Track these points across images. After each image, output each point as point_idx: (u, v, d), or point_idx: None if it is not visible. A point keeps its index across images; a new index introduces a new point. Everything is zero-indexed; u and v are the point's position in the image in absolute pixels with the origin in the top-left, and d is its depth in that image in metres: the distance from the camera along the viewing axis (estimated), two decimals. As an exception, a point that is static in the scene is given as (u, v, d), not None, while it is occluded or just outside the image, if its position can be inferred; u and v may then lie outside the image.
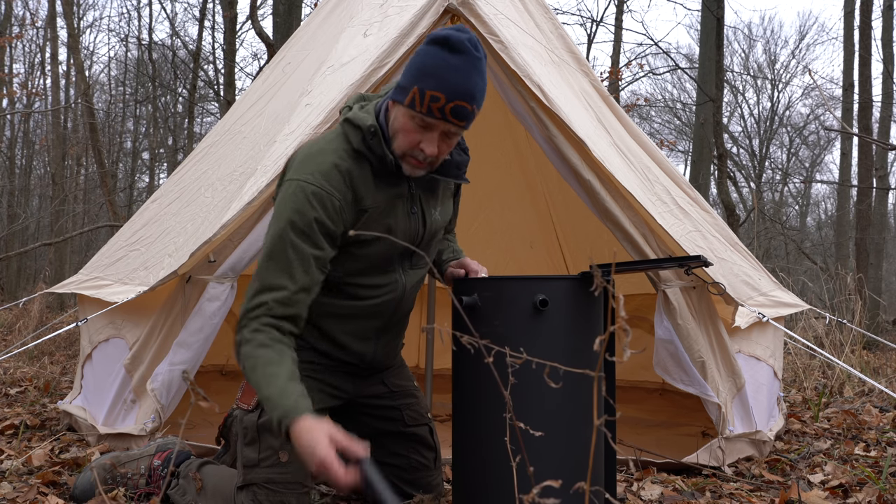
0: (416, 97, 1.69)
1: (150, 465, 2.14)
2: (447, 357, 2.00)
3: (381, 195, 1.83)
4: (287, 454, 1.84)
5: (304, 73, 3.15)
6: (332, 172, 1.77)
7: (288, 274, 1.73)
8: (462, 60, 1.67)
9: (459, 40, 1.67)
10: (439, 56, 1.68)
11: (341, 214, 1.77)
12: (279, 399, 1.64)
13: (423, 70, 1.69)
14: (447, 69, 1.67)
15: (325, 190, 1.75)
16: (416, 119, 1.72)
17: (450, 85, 1.67)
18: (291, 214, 1.74)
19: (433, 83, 1.67)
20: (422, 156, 1.77)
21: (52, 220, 13.00)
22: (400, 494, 2.09)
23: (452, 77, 1.67)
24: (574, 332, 1.79)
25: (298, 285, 1.74)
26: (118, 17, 26.69)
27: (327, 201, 1.75)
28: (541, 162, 4.18)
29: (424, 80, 1.68)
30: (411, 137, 1.75)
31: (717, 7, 8.72)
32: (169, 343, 2.55)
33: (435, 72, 1.68)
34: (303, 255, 1.74)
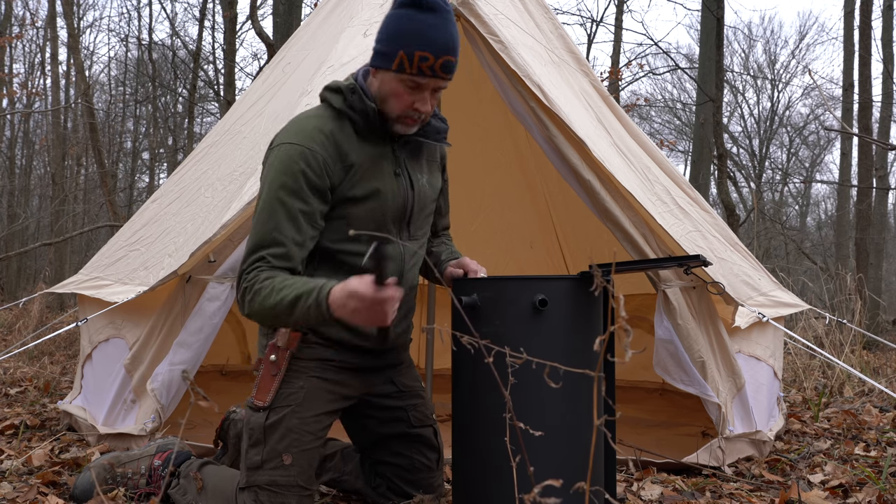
0: (403, 60, 1.76)
1: (151, 465, 2.14)
2: (447, 357, 1.99)
3: (366, 152, 1.88)
4: (291, 457, 1.84)
5: (304, 73, 3.15)
6: (314, 132, 1.84)
7: (281, 230, 1.79)
8: (438, 17, 1.76)
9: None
10: (416, 17, 1.75)
11: (325, 169, 1.82)
12: (306, 287, 1.71)
13: (403, 33, 1.76)
14: (428, 28, 1.75)
15: (308, 147, 1.81)
16: (407, 81, 1.79)
17: (435, 43, 1.75)
18: (278, 175, 1.80)
19: (419, 44, 1.74)
20: (417, 115, 1.85)
21: (52, 220, 13.01)
22: (401, 494, 2.09)
23: (435, 35, 1.75)
24: (574, 332, 1.79)
25: (292, 240, 1.80)
26: (118, 17, 26.72)
27: (310, 158, 1.80)
28: (541, 162, 4.18)
29: (409, 43, 1.75)
30: (404, 100, 1.82)
31: (717, 7, 8.73)
32: (169, 343, 2.55)
33: (418, 33, 1.75)
34: (292, 211, 1.79)
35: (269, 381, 1.89)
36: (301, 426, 1.86)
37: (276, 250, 1.78)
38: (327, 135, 1.84)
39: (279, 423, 1.85)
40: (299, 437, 1.86)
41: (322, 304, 1.67)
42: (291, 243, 1.79)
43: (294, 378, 1.89)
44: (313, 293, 1.69)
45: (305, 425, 1.87)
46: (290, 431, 1.85)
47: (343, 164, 1.84)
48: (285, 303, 1.71)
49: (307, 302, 1.69)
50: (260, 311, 1.76)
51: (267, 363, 1.90)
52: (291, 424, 1.85)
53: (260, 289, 1.75)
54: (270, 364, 1.90)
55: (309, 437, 1.87)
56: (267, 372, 1.90)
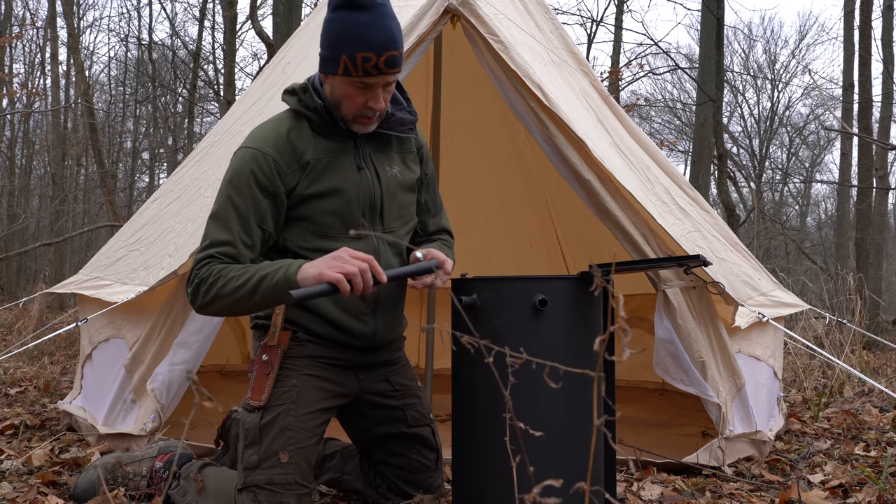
0: (347, 64, 1.78)
1: (152, 467, 2.14)
2: (447, 357, 1.99)
3: (323, 149, 1.90)
4: (287, 455, 1.84)
5: (304, 73, 3.14)
6: (269, 135, 1.88)
7: (230, 230, 1.83)
8: (373, 15, 1.77)
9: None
10: (350, 19, 1.77)
11: (276, 170, 1.84)
12: (270, 268, 1.78)
13: (342, 37, 1.78)
14: (365, 28, 1.76)
15: (260, 150, 1.85)
16: (356, 83, 1.81)
17: (375, 42, 1.76)
18: (231, 176, 1.86)
19: (359, 46, 1.76)
20: (371, 112, 1.87)
21: (52, 220, 13.01)
22: (401, 494, 2.09)
23: (373, 33, 1.76)
24: (574, 332, 1.79)
25: (241, 241, 1.84)
26: (118, 17, 26.69)
27: (261, 159, 1.84)
28: (541, 162, 4.18)
29: (348, 46, 1.77)
30: (356, 101, 1.85)
31: (717, 7, 8.72)
32: (169, 343, 2.55)
33: (355, 34, 1.77)
34: (241, 212, 1.84)
35: (263, 380, 1.90)
36: (296, 424, 1.86)
37: (224, 249, 1.82)
38: (282, 136, 1.88)
39: (274, 422, 1.85)
40: (295, 434, 1.86)
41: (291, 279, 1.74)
42: (240, 244, 1.84)
43: (287, 377, 1.90)
44: (280, 272, 1.76)
45: (301, 423, 1.87)
46: (286, 429, 1.85)
47: (298, 163, 1.87)
48: (248, 286, 1.77)
49: (273, 280, 1.75)
50: (217, 299, 1.80)
51: (259, 363, 1.91)
52: (287, 422, 1.85)
53: (216, 279, 1.79)
54: (263, 364, 1.90)
55: (305, 435, 1.87)
56: (260, 372, 1.91)
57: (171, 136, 16.21)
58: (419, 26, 2.72)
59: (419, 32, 2.71)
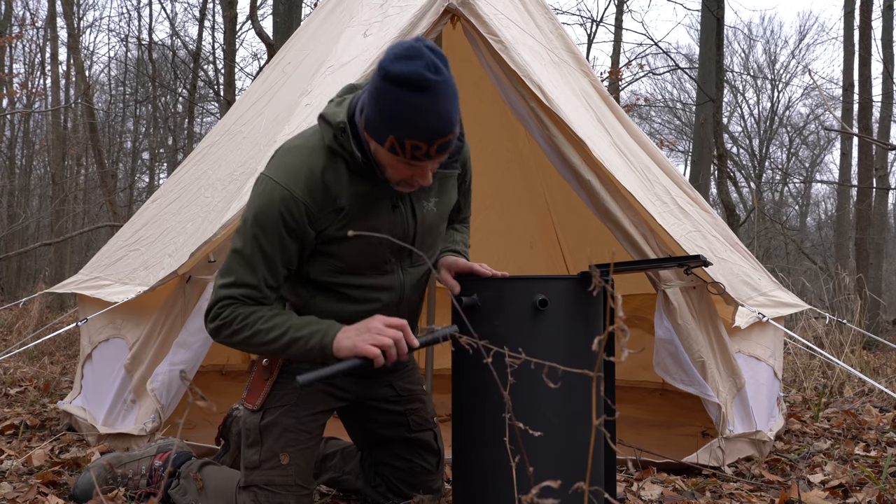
0: (395, 146, 1.60)
1: (151, 466, 2.14)
2: (447, 357, 1.99)
3: (359, 192, 1.76)
4: (288, 456, 1.84)
5: (304, 73, 3.15)
6: (301, 172, 1.71)
7: (256, 273, 1.74)
8: (429, 98, 1.54)
9: (418, 76, 1.52)
10: (403, 99, 1.54)
11: (308, 216, 1.72)
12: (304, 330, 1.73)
13: (392, 117, 1.57)
14: (418, 112, 1.55)
15: (290, 191, 1.70)
16: (402, 161, 1.64)
17: (428, 130, 1.57)
18: (259, 213, 1.72)
19: (409, 132, 1.57)
20: (417, 183, 1.73)
21: (52, 220, 13.01)
22: (400, 495, 2.09)
23: (426, 120, 1.55)
24: (574, 332, 1.79)
25: (266, 284, 1.76)
26: (118, 17, 26.71)
27: (291, 203, 1.70)
28: (541, 162, 4.18)
29: (399, 129, 1.57)
30: (402, 173, 1.69)
31: (717, 7, 8.72)
32: (169, 343, 2.55)
33: (406, 118, 1.56)
34: (269, 256, 1.73)
35: (261, 385, 1.89)
36: (297, 425, 1.86)
37: (249, 292, 1.74)
38: (316, 175, 1.72)
39: (275, 423, 1.85)
40: (296, 436, 1.86)
41: (327, 350, 1.70)
42: (265, 287, 1.76)
43: (289, 379, 1.89)
44: (315, 338, 1.72)
45: (301, 424, 1.87)
46: (287, 431, 1.85)
47: (332, 207, 1.74)
48: (279, 343, 1.73)
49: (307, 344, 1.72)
50: (240, 344, 1.76)
51: (260, 367, 1.90)
52: (287, 424, 1.85)
53: (242, 327, 1.73)
54: (263, 368, 1.90)
55: (305, 437, 1.87)
56: (259, 376, 1.90)
57: (171, 136, 16.21)
58: (419, 26, 2.72)
59: (419, 32, 2.71)
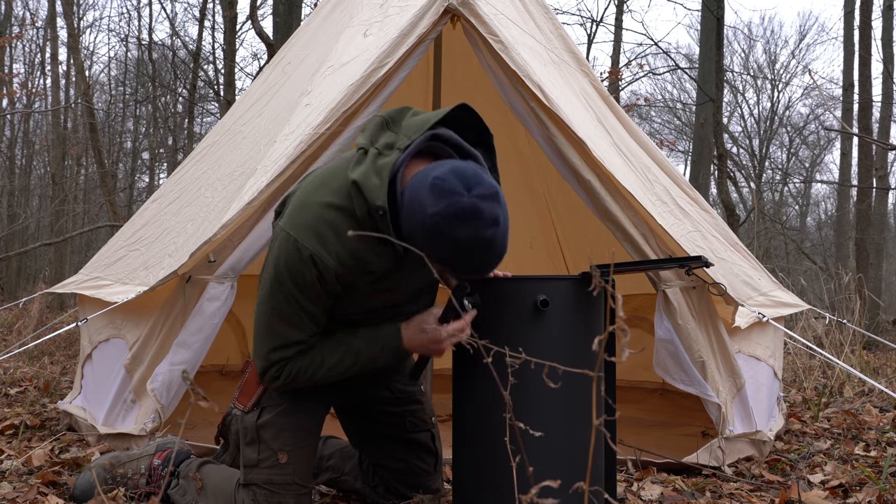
0: (450, 269, 1.67)
1: (150, 465, 2.14)
2: (447, 357, 1.99)
3: (389, 258, 1.74)
4: (286, 455, 1.84)
5: (304, 73, 3.15)
6: (330, 237, 1.67)
7: (300, 328, 1.75)
8: (490, 254, 1.64)
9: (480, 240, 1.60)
10: (468, 257, 1.61)
11: (338, 278, 1.71)
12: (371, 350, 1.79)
13: (454, 262, 1.62)
14: (480, 261, 1.64)
15: (322, 260, 1.67)
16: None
17: (485, 268, 1.68)
18: (291, 276, 1.69)
19: (464, 267, 1.64)
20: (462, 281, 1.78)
21: (52, 220, 13.01)
22: (399, 495, 2.09)
23: (482, 260, 1.64)
24: (574, 332, 1.79)
25: (311, 334, 1.78)
26: (118, 17, 26.67)
27: (324, 270, 1.68)
28: (541, 162, 4.18)
29: (459, 269, 1.65)
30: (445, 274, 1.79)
31: (717, 7, 8.73)
32: (169, 343, 2.55)
33: (468, 264, 1.63)
34: (312, 312, 1.74)
35: (254, 386, 1.90)
36: (294, 424, 1.86)
37: (300, 348, 1.77)
38: (345, 246, 1.68)
39: (272, 423, 1.85)
40: (293, 434, 1.86)
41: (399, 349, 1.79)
42: (311, 336, 1.78)
43: None
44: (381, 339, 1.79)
45: (299, 423, 1.87)
46: (284, 430, 1.85)
47: (362, 271, 1.73)
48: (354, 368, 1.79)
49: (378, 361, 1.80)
50: (308, 382, 1.79)
51: (254, 367, 1.90)
52: (284, 423, 1.85)
53: (307, 372, 1.77)
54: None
55: (303, 435, 1.88)
56: (252, 377, 1.91)
57: (171, 136, 16.20)
58: (419, 26, 2.72)
59: (419, 32, 2.71)
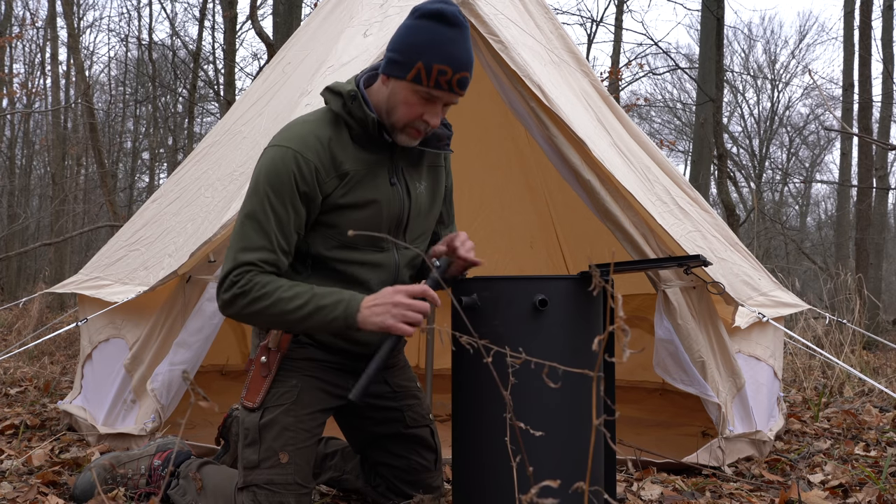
0: (421, 72, 1.73)
1: (151, 465, 2.14)
2: (447, 357, 1.99)
3: (362, 160, 1.85)
4: (287, 455, 1.84)
5: (304, 73, 3.15)
6: (309, 137, 1.81)
7: (268, 235, 1.78)
8: (459, 33, 1.74)
9: (453, 14, 1.74)
10: (437, 31, 1.73)
11: (317, 177, 1.79)
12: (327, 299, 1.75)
13: (423, 45, 1.73)
14: (449, 42, 1.72)
15: (301, 153, 1.78)
16: (421, 92, 1.76)
17: (455, 58, 1.73)
18: (269, 177, 1.78)
19: (439, 57, 1.72)
20: (423, 126, 1.82)
21: (52, 220, 13.01)
22: (400, 494, 2.09)
23: (455, 50, 1.73)
24: (574, 332, 1.79)
25: (280, 248, 1.79)
26: (118, 17, 26.70)
27: (302, 164, 1.78)
28: (541, 162, 4.18)
29: (429, 55, 1.72)
30: (415, 110, 1.79)
31: (717, 7, 8.73)
32: (169, 343, 2.55)
33: (437, 45, 1.72)
34: (282, 218, 1.78)
35: (259, 382, 1.90)
36: (296, 424, 1.86)
37: (265, 256, 1.77)
38: (323, 141, 1.81)
39: (274, 422, 1.85)
40: (295, 434, 1.86)
41: (351, 316, 1.73)
42: (280, 251, 1.79)
43: (287, 377, 1.89)
44: (340, 306, 1.74)
45: (301, 423, 1.87)
46: (286, 430, 1.85)
47: (337, 172, 1.82)
48: (301, 312, 1.74)
49: (331, 314, 1.74)
50: (259, 315, 1.77)
51: (258, 364, 1.91)
52: (286, 422, 1.85)
53: (263, 294, 1.74)
54: (261, 366, 1.90)
55: (305, 435, 1.87)
56: (257, 373, 1.91)
57: (171, 136, 16.21)
58: (419, 26, 2.72)
59: (419, 32, 2.70)
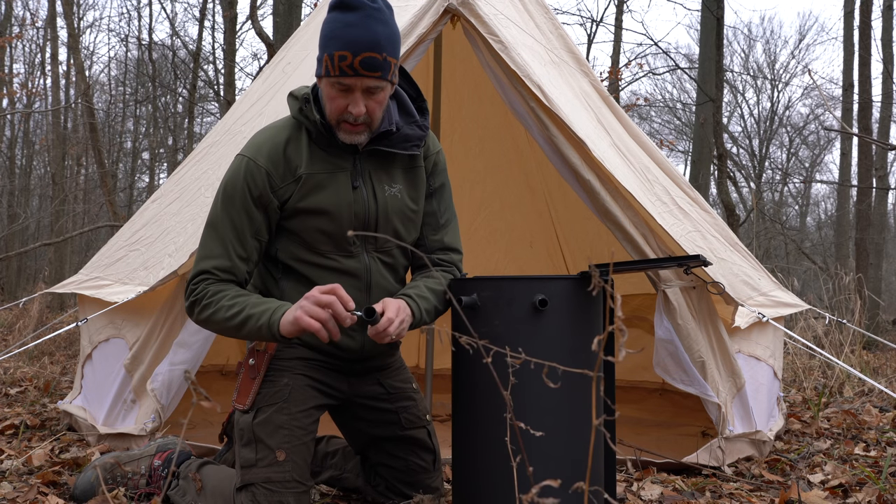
0: (327, 63, 1.78)
1: (151, 466, 2.14)
2: (447, 357, 1.99)
3: (319, 163, 1.88)
4: (284, 453, 1.84)
5: (305, 73, 3.15)
6: (266, 144, 1.87)
7: (224, 244, 1.85)
8: (359, 15, 1.76)
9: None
10: (337, 19, 1.78)
11: (269, 182, 1.84)
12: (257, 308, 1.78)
13: (326, 36, 1.79)
14: (346, 27, 1.76)
15: (254, 160, 1.85)
16: (335, 84, 1.80)
17: (352, 40, 1.75)
18: (227, 184, 1.87)
19: (337, 44, 1.76)
20: (351, 118, 1.83)
21: (52, 220, 13.01)
22: (400, 494, 2.09)
23: (352, 33, 1.76)
24: (573, 332, 1.79)
25: (237, 255, 1.85)
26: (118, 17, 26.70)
27: (255, 171, 1.84)
28: (541, 162, 4.18)
29: (329, 45, 1.78)
30: (337, 103, 1.82)
31: (717, 7, 8.72)
32: (169, 343, 2.55)
33: (336, 33, 1.77)
34: (237, 225, 1.85)
35: (249, 384, 1.91)
36: (290, 422, 1.87)
37: (219, 263, 1.84)
38: (279, 147, 1.87)
39: (268, 421, 1.85)
40: (290, 432, 1.86)
41: (273, 327, 1.76)
42: (236, 258, 1.85)
43: (278, 376, 1.90)
44: (265, 315, 1.77)
45: (295, 420, 1.87)
46: (281, 428, 1.85)
47: (293, 176, 1.86)
48: (236, 321, 1.79)
49: (258, 322, 1.77)
50: (208, 323, 1.85)
51: (246, 367, 1.93)
52: (281, 421, 1.86)
53: (209, 303, 1.82)
54: (249, 368, 1.92)
55: (300, 433, 1.88)
56: (246, 375, 1.92)
57: (171, 136, 16.21)
58: (419, 26, 2.72)
59: (419, 32, 2.71)
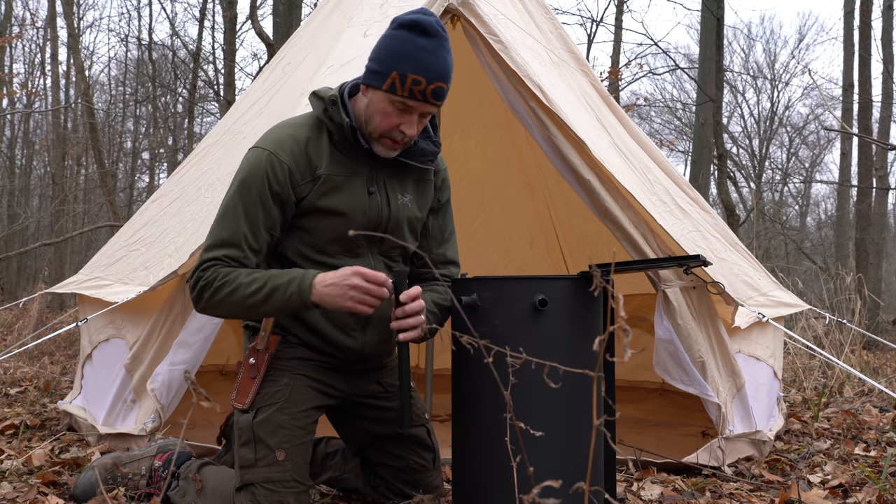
0: (395, 82, 1.76)
1: (151, 466, 2.14)
2: (447, 357, 1.99)
3: (338, 165, 1.88)
4: (283, 452, 1.84)
5: (304, 73, 3.15)
6: (287, 140, 1.86)
7: (237, 233, 1.83)
8: (435, 43, 1.76)
9: (429, 23, 1.76)
10: (412, 40, 1.75)
11: (290, 179, 1.83)
12: (281, 279, 1.77)
13: (399, 55, 1.76)
14: (422, 52, 1.74)
15: (276, 155, 1.83)
16: (396, 102, 1.78)
17: (429, 68, 1.75)
18: (244, 177, 1.85)
19: (411, 66, 1.74)
20: (400, 136, 1.83)
21: (52, 220, 13.01)
22: (400, 494, 2.09)
23: (429, 60, 1.75)
24: (574, 332, 1.79)
25: (248, 246, 1.83)
26: (118, 17, 26.72)
27: (276, 166, 1.83)
28: (541, 162, 4.18)
29: (401, 64, 1.75)
30: (390, 120, 1.81)
31: (717, 7, 8.73)
32: (169, 343, 2.55)
33: (411, 55, 1.74)
34: (252, 218, 1.83)
35: (248, 383, 1.91)
36: (290, 422, 1.87)
37: (232, 252, 1.82)
38: (300, 144, 1.85)
39: (268, 421, 1.85)
40: (290, 432, 1.86)
41: (305, 293, 1.75)
42: (248, 249, 1.83)
43: (278, 376, 1.90)
44: (293, 284, 1.76)
45: (295, 420, 1.87)
46: (280, 427, 1.85)
47: (312, 175, 1.85)
48: (260, 295, 1.77)
49: (286, 292, 1.76)
50: (223, 305, 1.81)
51: (246, 366, 1.92)
52: (280, 420, 1.86)
53: (224, 283, 1.79)
54: (250, 367, 1.92)
55: (300, 433, 1.88)
56: (246, 375, 1.92)
57: (171, 136, 16.21)
58: (419, 26, 2.72)
59: (419, 32, 2.70)
